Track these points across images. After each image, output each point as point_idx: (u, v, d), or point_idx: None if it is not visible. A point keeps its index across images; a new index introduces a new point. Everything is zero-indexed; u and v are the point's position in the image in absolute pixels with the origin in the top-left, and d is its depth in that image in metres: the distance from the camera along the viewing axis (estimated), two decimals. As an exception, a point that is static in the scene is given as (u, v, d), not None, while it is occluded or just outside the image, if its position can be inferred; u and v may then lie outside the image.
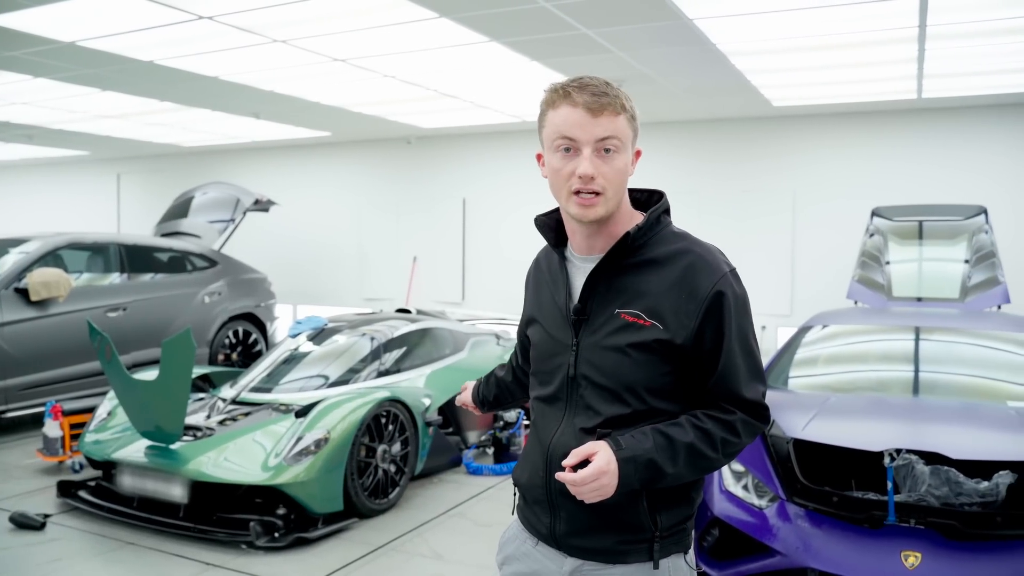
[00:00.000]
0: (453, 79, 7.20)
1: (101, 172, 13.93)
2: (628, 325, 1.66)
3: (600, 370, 1.69)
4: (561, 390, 1.75)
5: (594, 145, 1.63)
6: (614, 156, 1.65)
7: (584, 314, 1.72)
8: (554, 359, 1.77)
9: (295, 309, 11.97)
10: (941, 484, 3.33)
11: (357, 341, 6.24)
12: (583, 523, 1.71)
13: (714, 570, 3.66)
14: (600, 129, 1.63)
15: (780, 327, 8.92)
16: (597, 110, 1.62)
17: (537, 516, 1.80)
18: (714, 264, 1.67)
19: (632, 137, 1.70)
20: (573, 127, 1.63)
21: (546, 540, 1.79)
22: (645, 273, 1.68)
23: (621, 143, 1.65)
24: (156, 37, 5.72)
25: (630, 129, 1.69)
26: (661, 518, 1.69)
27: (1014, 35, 5.58)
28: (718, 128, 9.35)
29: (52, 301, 7.05)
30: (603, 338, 1.69)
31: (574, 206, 1.67)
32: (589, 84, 1.65)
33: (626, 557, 1.70)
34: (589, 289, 1.72)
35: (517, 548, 1.87)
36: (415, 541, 4.68)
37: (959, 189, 8.10)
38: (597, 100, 1.63)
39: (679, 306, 1.64)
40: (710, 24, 5.37)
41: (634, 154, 1.74)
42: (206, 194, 9.43)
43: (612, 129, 1.63)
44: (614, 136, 1.64)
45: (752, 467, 3.76)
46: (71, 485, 5.22)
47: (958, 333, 4.92)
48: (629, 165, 1.70)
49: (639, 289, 1.67)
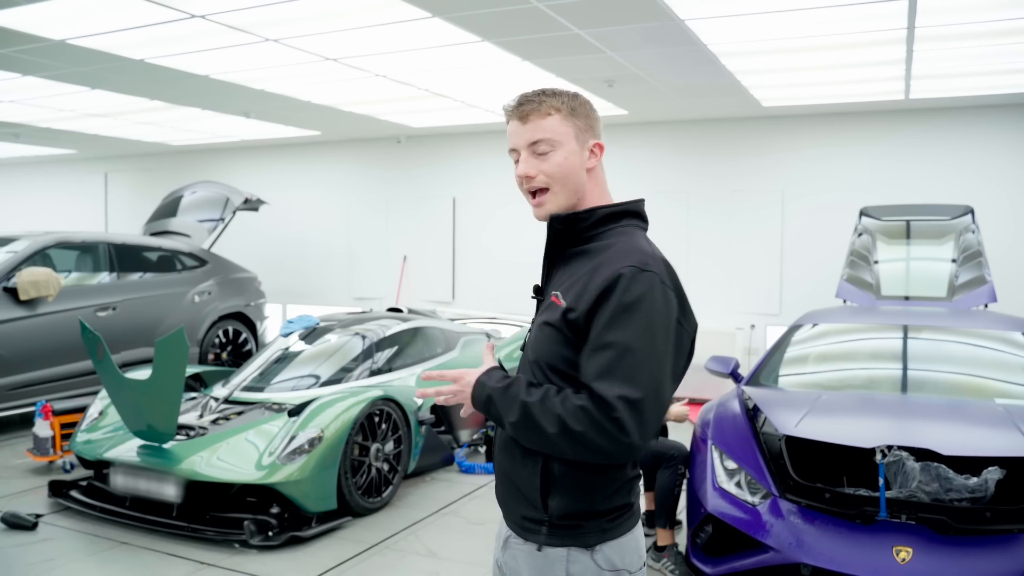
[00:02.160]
0: (444, 78, 7.21)
1: (88, 171, 13.84)
2: (551, 305, 1.77)
3: (531, 344, 1.82)
4: (523, 368, 1.87)
5: (528, 148, 1.78)
6: (551, 154, 1.76)
7: (540, 295, 1.88)
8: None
9: (284, 308, 11.94)
10: (931, 480, 3.37)
11: (349, 340, 6.25)
12: (504, 491, 1.85)
13: (708, 566, 3.70)
14: (528, 133, 1.77)
15: (769, 326, 8.97)
16: (524, 117, 1.78)
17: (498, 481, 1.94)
18: (623, 258, 1.69)
19: (574, 132, 1.78)
20: (512, 137, 1.81)
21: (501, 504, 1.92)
22: (579, 260, 1.79)
23: (554, 141, 1.76)
24: (148, 35, 5.70)
25: (567, 126, 1.77)
26: (551, 503, 1.71)
27: (1001, 37, 5.64)
28: (708, 128, 9.39)
29: (41, 300, 7.02)
30: (540, 321, 1.81)
31: (533, 208, 1.83)
32: (523, 96, 1.80)
33: (528, 535, 1.77)
34: (546, 273, 1.88)
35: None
36: (409, 539, 4.69)
37: (946, 189, 8.18)
38: (523, 108, 1.78)
39: (584, 288, 1.70)
40: (701, 25, 5.40)
41: (590, 148, 1.81)
42: (195, 193, 9.40)
43: (539, 131, 1.76)
44: (543, 138, 1.76)
45: (745, 464, 3.80)
46: (63, 485, 5.20)
47: (946, 331, 4.97)
48: (575, 158, 1.78)
49: (569, 274, 1.78)
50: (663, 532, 4.22)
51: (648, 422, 1.60)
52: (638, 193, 1.94)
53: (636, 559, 1.78)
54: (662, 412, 1.65)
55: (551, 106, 1.77)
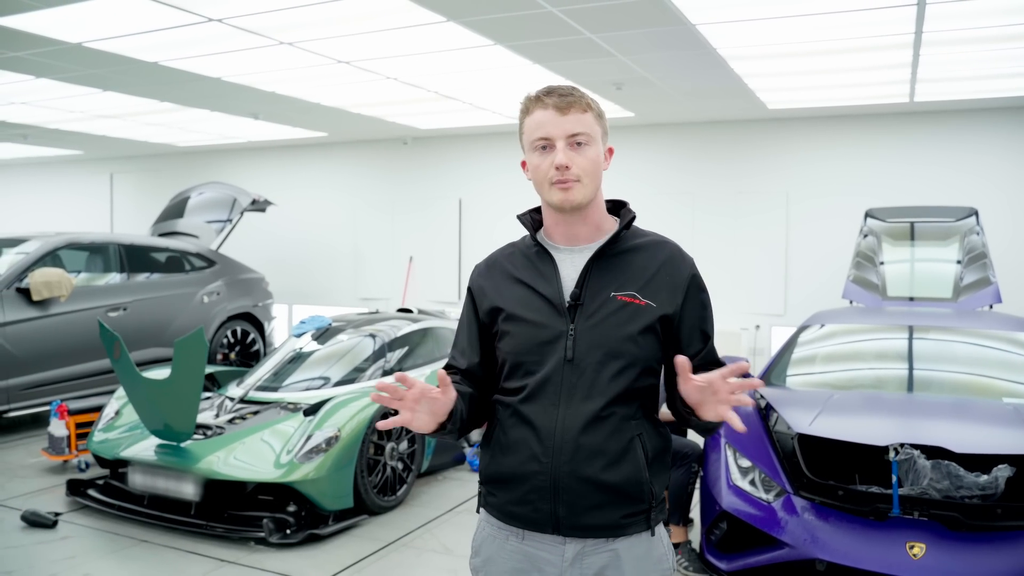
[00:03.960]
0: (454, 81, 7.27)
1: (94, 171, 13.89)
2: (625, 305, 1.81)
3: (601, 349, 1.79)
4: (555, 374, 1.80)
5: (566, 139, 1.81)
6: (586, 148, 1.82)
7: (579, 300, 1.83)
8: (544, 346, 1.83)
9: (291, 309, 12.00)
10: (942, 478, 3.45)
11: (361, 340, 6.31)
12: (585, 503, 1.77)
13: (723, 563, 3.77)
14: (569, 124, 1.81)
15: (774, 327, 9.04)
16: (565, 108, 1.81)
17: (531, 505, 1.82)
18: (683, 252, 1.94)
19: (601, 133, 1.87)
20: (546, 126, 1.82)
21: (540, 528, 1.82)
22: (631, 259, 1.86)
23: (590, 136, 1.83)
24: (163, 39, 5.76)
25: (598, 126, 1.86)
26: (655, 488, 1.83)
27: (1007, 42, 5.71)
28: (714, 130, 9.46)
29: (54, 301, 7.07)
30: (601, 320, 1.81)
31: (556, 193, 1.83)
32: (556, 89, 1.85)
33: (626, 530, 1.81)
34: (582, 276, 1.85)
35: (500, 547, 1.90)
36: (425, 537, 4.76)
37: (951, 191, 8.25)
38: (564, 100, 1.82)
39: (667, 284, 1.85)
40: (712, 29, 5.47)
41: (606, 151, 1.90)
42: (202, 194, 9.46)
43: (581, 124, 1.82)
44: (583, 131, 1.82)
45: (759, 462, 3.87)
46: (80, 484, 5.26)
47: (951, 332, 5.04)
48: (601, 158, 1.87)
49: (629, 273, 1.84)
50: (677, 529, 4.29)
51: None
52: (643, 195, 2.12)
53: None
54: None
55: (588, 103, 1.84)
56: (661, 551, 1.87)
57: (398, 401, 1.71)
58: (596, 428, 1.78)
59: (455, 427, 1.84)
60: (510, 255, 2.01)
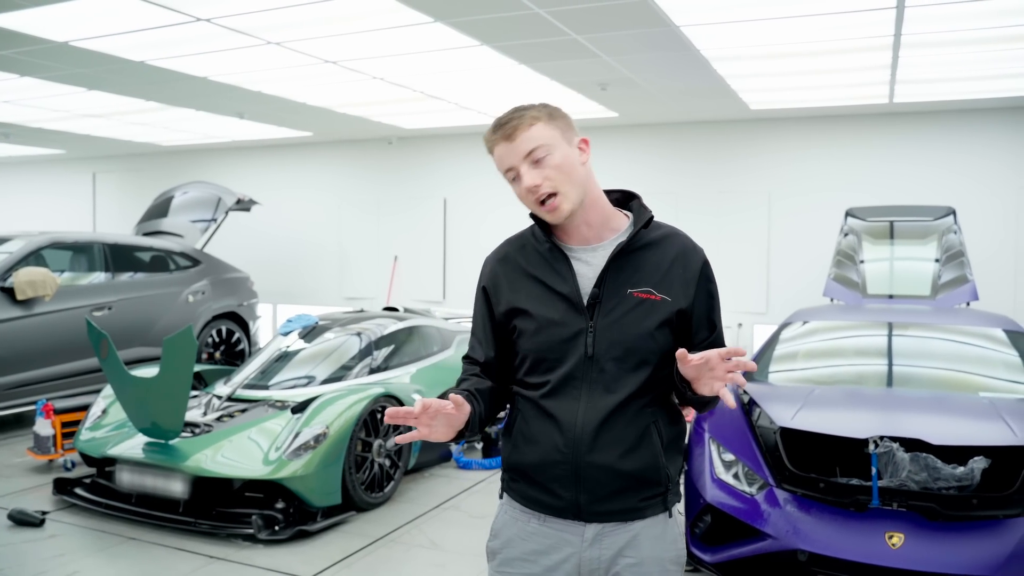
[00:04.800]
0: (440, 81, 7.31)
1: (76, 171, 13.81)
2: (642, 302, 1.86)
3: (620, 346, 1.85)
4: (577, 370, 1.86)
5: (525, 161, 1.85)
6: (547, 159, 1.84)
7: (598, 298, 1.88)
8: (565, 344, 1.88)
9: (275, 308, 12.00)
10: (920, 470, 3.53)
11: (348, 339, 6.34)
12: (605, 489, 1.86)
13: (707, 555, 3.83)
14: (522, 147, 1.84)
15: (756, 325, 9.15)
16: (511, 135, 1.85)
17: (552, 492, 1.89)
18: (693, 243, 1.99)
19: (560, 133, 1.87)
20: (505, 158, 1.87)
21: (561, 513, 1.89)
22: (645, 255, 1.90)
23: (547, 146, 1.84)
24: (151, 38, 5.77)
25: (552, 129, 1.86)
26: (671, 471, 1.91)
27: (983, 44, 5.83)
28: (697, 130, 9.56)
29: (38, 300, 7.05)
30: (620, 316, 1.86)
31: (545, 213, 1.89)
32: (500, 120, 1.89)
33: (644, 512, 1.89)
34: (601, 274, 1.89)
35: (521, 529, 1.94)
36: (412, 532, 4.80)
37: (929, 190, 8.39)
38: (508, 127, 1.86)
39: (680, 277, 1.90)
40: (696, 31, 5.55)
41: (578, 143, 1.91)
42: (186, 193, 9.44)
43: (530, 141, 1.84)
44: (535, 145, 1.84)
45: (742, 456, 3.93)
46: (67, 482, 5.26)
47: (930, 329, 5.14)
48: (570, 156, 1.87)
49: (644, 269, 1.89)
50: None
51: None
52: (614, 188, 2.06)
53: None
54: None
55: (531, 116, 1.85)
56: (676, 532, 1.94)
57: (414, 419, 1.76)
58: (615, 419, 1.86)
59: (473, 432, 1.92)
60: (521, 249, 2.01)
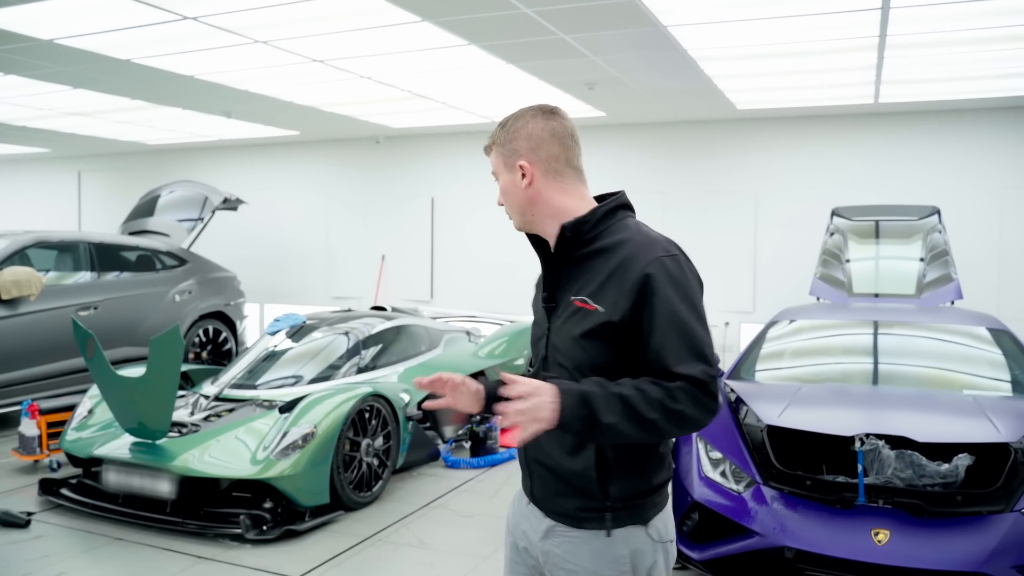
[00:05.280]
0: (427, 80, 7.31)
1: (61, 169, 13.71)
2: (579, 310, 1.85)
3: (560, 351, 1.90)
4: (539, 370, 1.97)
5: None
6: (499, 182, 2.01)
7: (552, 301, 1.95)
8: (537, 344, 2.01)
9: (262, 308, 11.96)
10: (906, 467, 3.56)
11: (336, 338, 6.33)
12: (551, 487, 1.93)
13: (695, 552, 3.85)
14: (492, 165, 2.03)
15: (743, 324, 9.19)
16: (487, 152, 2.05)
17: (525, 478, 2.05)
18: (648, 249, 1.82)
19: (502, 162, 1.98)
20: None
21: (531, 500, 2.02)
22: (593, 262, 1.87)
23: (497, 172, 2.00)
24: (137, 36, 5.73)
25: (498, 157, 1.99)
26: (612, 490, 1.84)
27: (967, 45, 5.88)
28: (683, 130, 9.60)
29: (23, 300, 7.00)
30: (563, 323, 1.90)
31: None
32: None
33: (583, 523, 1.88)
34: (554, 279, 1.94)
35: (519, 507, 2.09)
36: (401, 532, 4.80)
37: (914, 190, 8.46)
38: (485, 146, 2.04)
39: (616, 288, 1.80)
40: (683, 31, 5.57)
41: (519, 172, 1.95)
42: (172, 192, 9.39)
43: (492, 165, 2.03)
44: (493, 170, 2.02)
45: (729, 454, 3.96)
46: (53, 483, 5.22)
47: (915, 327, 5.19)
48: (511, 182, 1.97)
49: (587, 277, 1.87)
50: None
51: (718, 386, 1.79)
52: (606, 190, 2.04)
53: (672, 528, 1.98)
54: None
55: (492, 140, 2.00)
56: (620, 553, 1.85)
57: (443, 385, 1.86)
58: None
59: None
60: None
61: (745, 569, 3.69)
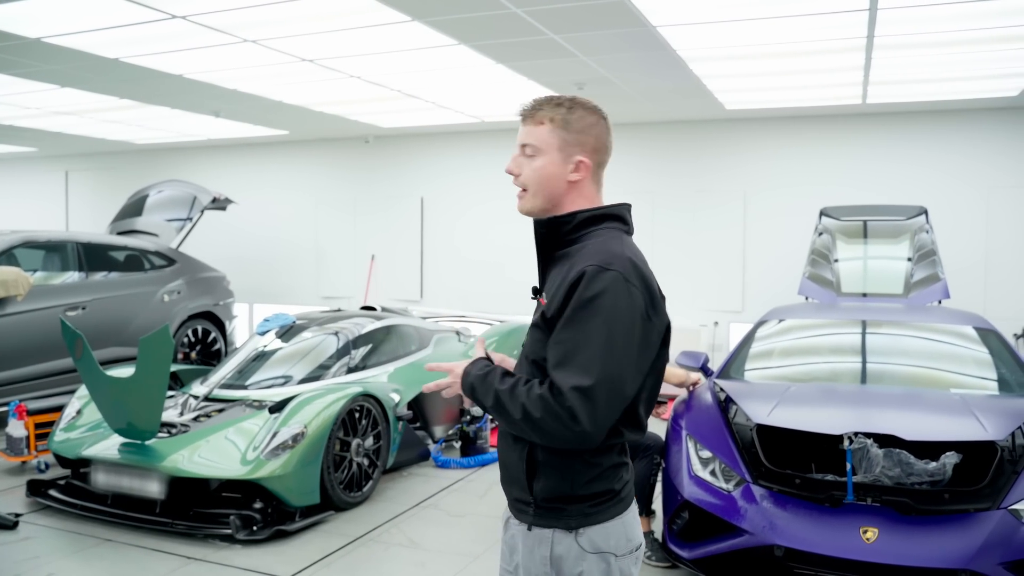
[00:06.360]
0: (417, 80, 7.30)
1: (49, 169, 13.63)
2: (539, 306, 1.91)
3: (525, 343, 1.97)
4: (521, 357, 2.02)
5: (519, 147, 1.93)
6: (533, 159, 1.90)
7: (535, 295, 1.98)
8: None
9: (251, 307, 11.92)
10: (894, 465, 3.59)
11: (325, 338, 6.32)
12: (504, 475, 1.98)
13: (685, 551, 3.87)
14: (522, 135, 1.92)
15: (732, 323, 9.22)
16: (524, 119, 1.93)
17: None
18: (595, 256, 1.78)
19: (559, 144, 1.88)
20: (518, 135, 1.96)
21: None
22: (561, 262, 1.89)
23: (538, 148, 1.89)
24: (126, 35, 5.71)
25: (554, 137, 1.88)
26: (536, 486, 1.84)
27: (954, 46, 5.92)
28: (672, 130, 9.62)
29: (10, 300, 6.95)
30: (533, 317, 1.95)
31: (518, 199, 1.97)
32: (533, 101, 1.94)
33: (520, 516, 1.91)
34: (541, 274, 1.98)
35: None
36: (392, 531, 4.80)
37: (902, 190, 8.51)
38: (526, 111, 1.93)
39: (558, 289, 1.81)
40: (672, 31, 5.59)
41: (574, 164, 1.88)
42: (161, 192, 9.35)
43: (530, 136, 1.90)
44: (530, 142, 1.90)
45: (719, 453, 3.98)
46: (41, 484, 5.20)
47: (902, 326, 5.23)
48: (555, 168, 1.88)
49: (554, 276, 1.90)
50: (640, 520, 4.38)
51: (600, 411, 1.68)
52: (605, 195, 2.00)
53: (624, 543, 1.86)
54: (619, 404, 1.74)
55: (545, 115, 1.89)
56: (542, 552, 1.84)
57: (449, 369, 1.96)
58: None
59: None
60: None
61: (735, 567, 3.71)
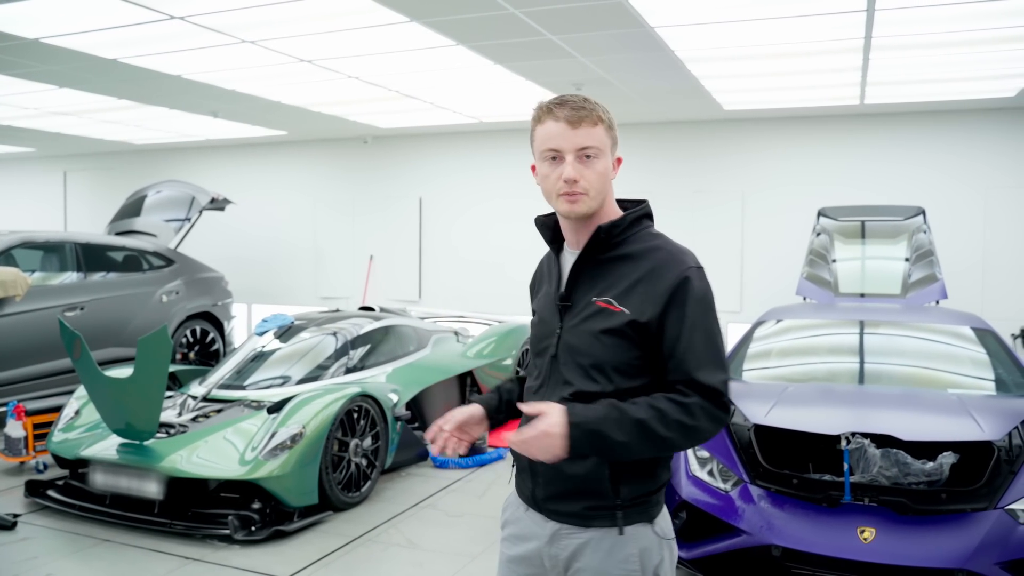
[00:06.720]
0: (415, 80, 7.31)
1: (47, 169, 13.62)
2: (601, 311, 1.86)
3: (576, 350, 1.90)
4: (545, 369, 1.96)
5: (575, 153, 1.86)
6: (594, 161, 1.87)
7: (568, 301, 1.94)
8: (543, 342, 1.99)
9: (250, 308, 11.92)
10: (891, 465, 3.60)
11: (324, 338, 6.32)
12: (557, 489, 1.91)
13: (683, 551, 3.86)
14: (580, 138, 1.85)
15: (730, 323, 9.22)
16: (576, 122, 1.85)
17: (524, 482, 2.01)
18: (681, 259, 1.88)
19: (611, 144, 1.91)
20: (556, 139, 1.87)
21: (531, 505, 1.99)
22: (620, 266, 1.89)
23: (599, 150, 1.87)
24: (124, 36, 5.71)
25: (608, 138, 1.90)
26: (623, 489, 1.85)
27: (951, 47, 5.93)
28: (671, 130, 9.63)
29: (8, 300, 6.94)
30: (580, 322, 1.90)
31: (563, 204, 1.90)
32: (569, 100, 1.89)
33: (592, 522, 1.88)
34: (573, 279, 1.94)
35: (512, 513, 2.07)
36: (390, 532, 4.80)
37: (899, 190, 8.53)
38: (576, 114, 1.86)
39: (646, 293, 1.83)
40: (670, 32, 5.60)
41: (615, 161, 1.94)
42: (159, 192, 9.35)
43: (590, 138, 1.86)
44: (592, 144, 1.86)
45: (716, 453, 3.98)
46: (39, 484, 5.20)
47: (900, 327, 5.24)
48: (610, 169, 1.92)
49: (613, 280, 1.88)
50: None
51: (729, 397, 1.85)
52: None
53: (670, 528, 1.99)
54: None
55: (599, 116, 1.88)
56: (629, 552, 1.87)
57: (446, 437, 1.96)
58: None
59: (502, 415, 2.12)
60: (548, 254, 2.11)
61: (733, 567, 3.72)
